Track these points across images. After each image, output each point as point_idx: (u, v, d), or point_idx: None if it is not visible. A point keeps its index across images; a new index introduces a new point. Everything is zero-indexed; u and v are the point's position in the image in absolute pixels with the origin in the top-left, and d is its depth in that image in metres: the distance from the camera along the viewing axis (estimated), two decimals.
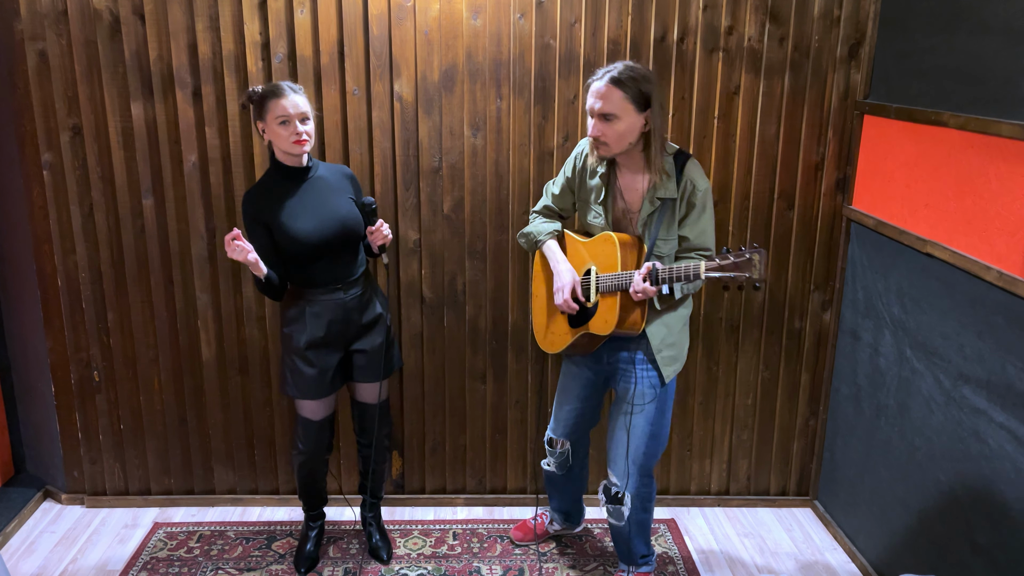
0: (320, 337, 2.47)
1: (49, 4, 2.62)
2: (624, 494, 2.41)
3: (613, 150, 2.18)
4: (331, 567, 2.74)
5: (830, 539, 2.97)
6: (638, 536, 2.54)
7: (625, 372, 2.37)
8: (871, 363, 2.71)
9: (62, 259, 2.83)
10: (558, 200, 2.48)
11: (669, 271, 2.10)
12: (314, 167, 2.46)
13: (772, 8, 2.69)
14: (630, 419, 2.36)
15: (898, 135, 2.53)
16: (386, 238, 2.42)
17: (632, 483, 2.40)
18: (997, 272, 2.05)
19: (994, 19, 2.08)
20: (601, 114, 2.13)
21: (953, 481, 2.27)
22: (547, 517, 2.91)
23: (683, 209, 2.25)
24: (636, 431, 2.36)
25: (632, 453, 2.38)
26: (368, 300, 2.54)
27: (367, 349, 2.55)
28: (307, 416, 2.56)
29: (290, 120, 2.29)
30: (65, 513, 3.06)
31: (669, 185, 2.22)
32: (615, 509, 2.44)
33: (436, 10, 2.66)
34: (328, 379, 2.51)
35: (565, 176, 2.43)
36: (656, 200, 2.23)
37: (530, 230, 2.50)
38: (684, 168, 2.23)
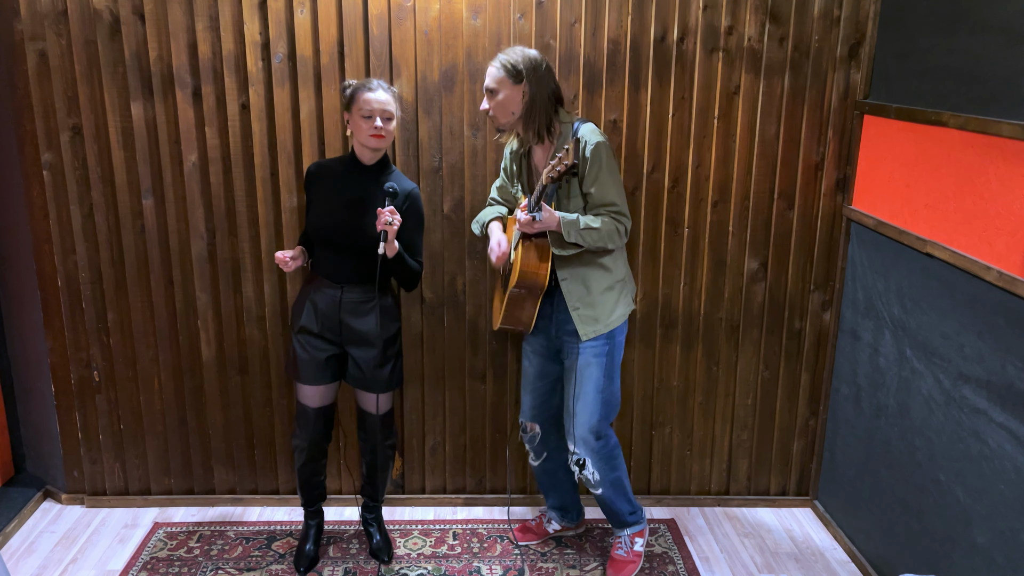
0: (312, 329, 2.52)
1: (49, 4, 2.62)
2: (584, 459, 2.54)
3: (500, 120, 2.39)
4: (331, 567, 2.74)
5: (830, 539, 2.97)
6: (617, 495, 2.64)
7: (570, 344, 2.50)
8: (871, 363, 2.71)
9: (62, 259, 2.83)
10: (500, 192, 2.67)
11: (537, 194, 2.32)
12: (387, 172, 2.49)
13: (772, 8, 2.69)
14: (578, 388, 2.50)
15: (898, 135, 2.53)
16: (387, 225, 2.30)
17: (588, 448, 2.53)
18: (997, 272, 2.05)
19: (994, 19, 2.08)
20: (486, 89, 2.38)
21: (953, 481, 2.27)
22: (545, 517, 2.91)
23: (582, 167, 2.36)
24: (587, 399, 2.49)
25: (584, 420, 2.50)
26: (368, 311, 2.51)
27: (360, 359, 2.55)
28: (303, 402, 2.59)
29: (374, 115, 2.36)
30: (65, 513, 3.06)
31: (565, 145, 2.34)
32: (585, 477, 2.56)
33: (436, 10, 2.66)
34: (318, 369, 2.54)
35: (502, 167, 2.64)
36: (553, 156, 2.36)
37: (479, 217, 2.67)
38: (577, 130, 2.38)
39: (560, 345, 2.55)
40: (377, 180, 2.46)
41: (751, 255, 2.91)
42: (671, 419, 3.08)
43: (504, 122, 2.40)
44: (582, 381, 2.49)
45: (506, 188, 2.64)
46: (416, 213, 2.51)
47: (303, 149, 2.75)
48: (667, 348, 3.00)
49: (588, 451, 2.53)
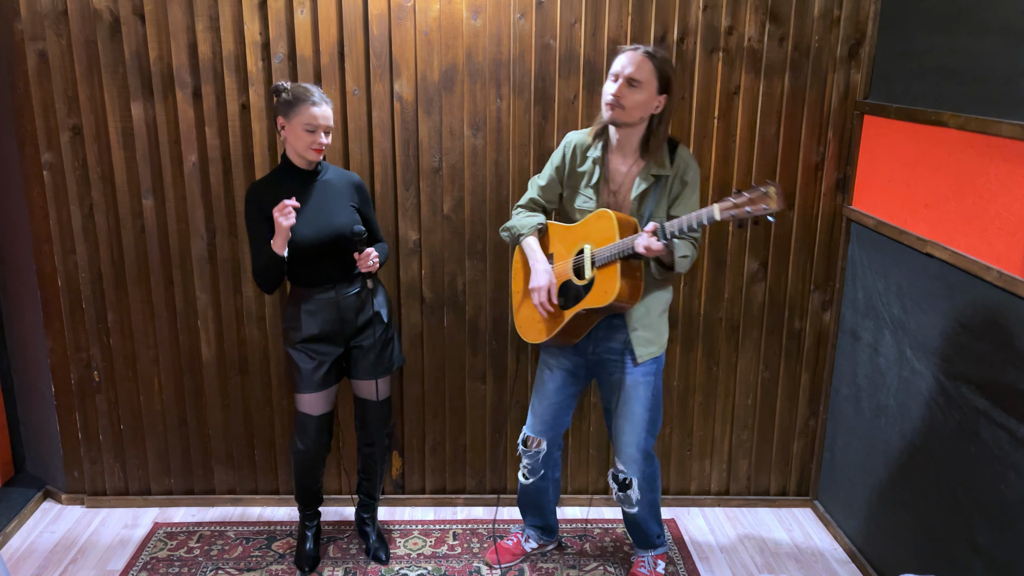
0: (314, 335, 2.51)
1: (49, 4, 2.62)
2: (631, 480, 2.46)
3: (626, 117, 2.21)
4: (331, 567, 2.74)
5: (830, 539, 2.97)
6: (651, 516, 2.63)
7: (617, 363, 2.41)
8: (871, 363, 2.71)
9: (62, 259, 2.83)
10: (545, 192, 2.48)
11: (679, 222, 2.10)
12: (323, 170, 2.49)
13: (772, 8, 2.69)
14: (627, 408, 2.41)
15: (898, 135, 2.53)
16: (370, 267, 2.43)
17: (637, 468, 2.47)
18: (997, 272, 2.05)
19: (994, 19, 2.08)
20: (629, 78, 2.17)
21: (953, 481, 2.27)
22: (523, 535, 2.85)
23: (676, 187, 2.30)
24: (635, 419, 2.42)
25: (634, 439, 2.44)
26: (365, 300, 2.54)
27: (363, 346, 2.56)
28: (305, 411, 2.57)
29: (317, 130, 2.34)
30: (65, 513, 3.06)
31: (662, 165, 2.29)
32: (625, 496, 2.49)
33: (436, 10, 2.66)
34: (323, 373, 2.53)
35: (553, 167, 2.44)
36: (651, 176, 2.28)
37: (512, 224, 2.49)
38: (677, 149, 2.31)
39: (597, 364, 2.46)
40: (320, 179, 2.47)
41: (751, 255, 2.91)
42: (671, 419, 3.08)
43: (627, 120, 2.23)
44: (630, 400, 2.41)
45: (553, 189, 2.46)
46: (368, 199, 2.57)
47: None
48: (667, 348, 2.99)
49: (636, 471, 2.46)
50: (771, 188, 1.98)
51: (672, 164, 2.28)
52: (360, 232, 2.40)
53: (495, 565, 2.77)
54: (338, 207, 2.45)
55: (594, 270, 2.28)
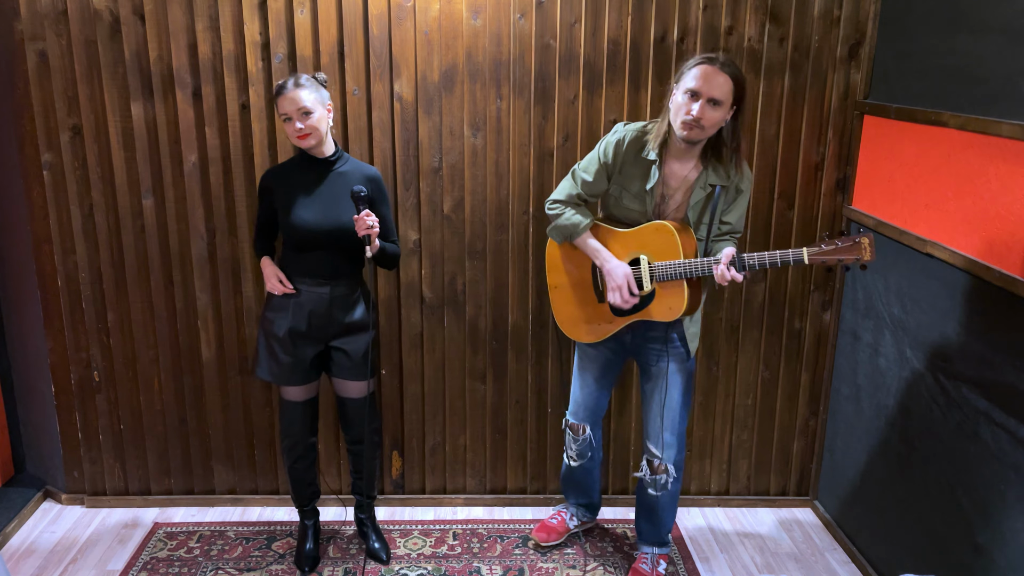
0: (301, 330, 2.50)
1: (49, 4, 2.62)
2: (665, 465, 2.53)
3: (706, 135, 2.22)
4: (331, 567, 2.74)
5: (830, 539, 2.97)
6: (670, 507, 2.64)
7: (656, 351, 2.47)
8: (871, 363, 2.71)
9: (62, 259, 2.83)
10: (590, 186, 2.41)
11: (760, 258, 2.15)
12: (340, 161, 2.49)
13: (772, 8, 2.69)
14: (665, 395, 2.47)
15: (898, 135, 2.53)
16: (369, 229, 2.35)
17: (672, 454, 2.52)
18: (997, 272, 2.05)
19: (994, 19, 2.08)
20: (710, 98, 2.14)
21: (953, 481, 2.27)
22: (566, 513, 2.90)
23: (732, 195, 2.34)
24: (672, 403, 2.48)
25: (671, 425, 2.50)
26: (355, 302, 2.54)
27: (348, 350, 2.54)
28: (289, 398, 2.59)
29: (291, 117, 2.34)
30: (65, 513, 3.06)
31: (720, 172, 2.29)
32: (654, 480, 2.55)
33: (436, 10, 2.66)
34: (304, 368, 2.54)
35: (600, 162, 2.38)
36: (708, 186, 2.30)
37: (564, 222, 2.43)
38: (734, 158, 2.31)
39: (639, 350, 2.52)
40: (335, 169, 2.47)
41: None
42: None
43: (705, 137, 2.22)
44: (670, 388, 2.47)
45: (600, 184, 2.40)
46: (384, 196, 2.55)
47: None
48: None
49: (671, 456, 2.52)
50: (864, 239, 2.04)
51: (730, 175, 2.30)
52: (359, 191, 2.36)
53: (544, 542, 2.84)
54: (346, 201, 2.43)
55: (654, 283, 2.32)
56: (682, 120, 2.18)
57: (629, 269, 2.35)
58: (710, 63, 2.14)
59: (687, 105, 2.16)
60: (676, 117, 2.20)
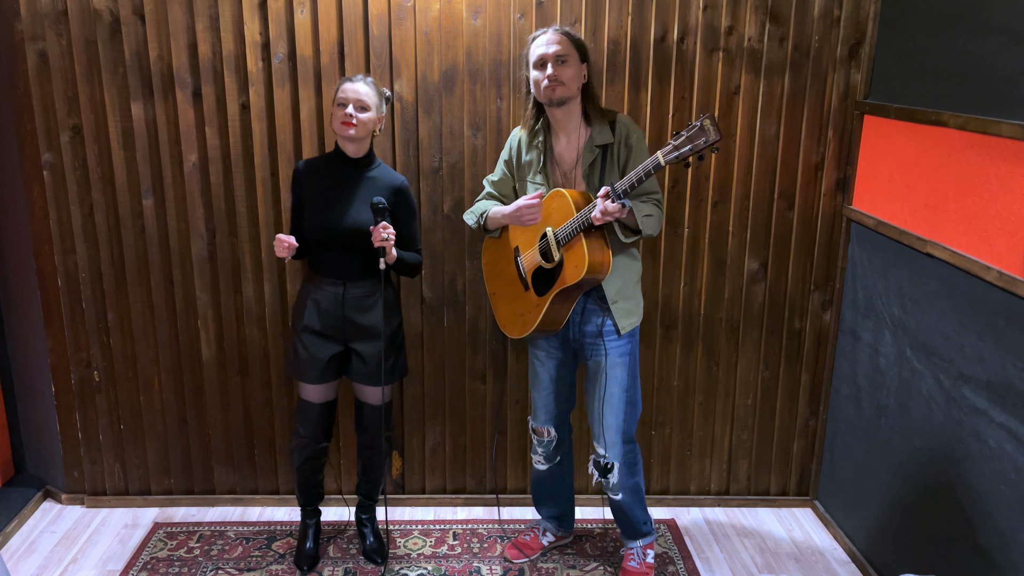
0: (315, 327, 2.51)
1: (49, 4, 2.62)
2: (612, 464, 2.49)
3: (568, 91, 2.28)
4: (331, 567, 2.74)
5: (830, 539, 2.97)
6: (635, 502, 2.61)
7: (593, 345, 2.44)
8: (871, 363, 2.71)
9: (62, 259, 2.83)
10: (498, 186, 2.54)
11: (627, 178, 2.15)
12: (372, 166, 2.50)
13: (772, 8, 2.69)
14: (604, 390, 2.44)
15: (898, 135, 2.53)
16: (384, 241, 2.35)
17: (617, 451, 2.48)
18: (997, 272, 2.05)
19: (994, 19, 2.08)
20: (556, 55, 2.25)
21: (953, 481, 2.27)
22: (539, 529, 2.86)
23: (623, 154, 2.34)
24: (613, 400, 2.44)
25: (614, 422, 2.46)
26: (372, 305, 2.52)
27: (365, 354, 2.54)
28: (306, 398, 2.59)
29: (346, 103, 2.37)
30: (65, 513, 3.06)
31: (604, 132, 2.33)
32: (607, 481, 2.52)
33: (436, 10, 2.66)
34: (321, 368, 2.53)
35: (503, 161, 2.51)
36: (595, 148, 2.33)
37: (473, 209, 2.55)
38: (616, 118, 2.36)
39: (579, 346, 2.49)
40: (364, 174, 2.48)
41: (751, 255, 2.91)
42: (671, 419, 3.08)
43: (568, 95, 2.29)
44: (608, 382, 2.44)
45: (506, 183, 2.53)
46: (408, 206, 2.54)
47: (303, 149, 2.75)
48: (667, 348, 3.00)
49: (616, 455, 2.49)
50: (705, 120, 2.05)
51: (614, 132, 2.33)
52: (379, 202, 2.37)
53: (515, 560, 2.78)
54: (364, 204, 2.43)
55: (560, 250, 2.31)
56: (543, 87, 2.27)
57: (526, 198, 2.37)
58: (543, 32, 2.30)
59: (540, 75, 2.28)
60: (539, 93, 2.31)
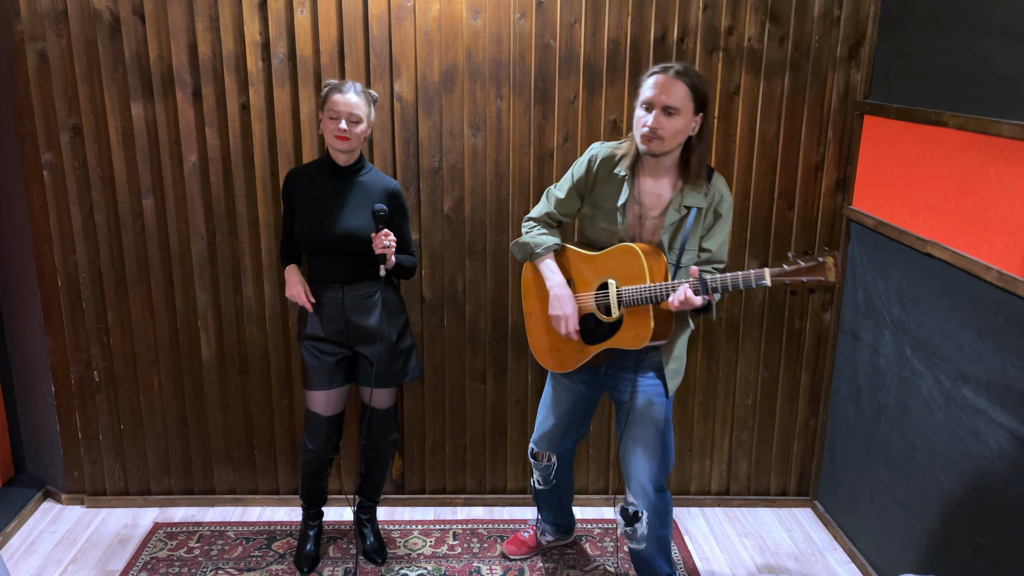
0: (319, 333, 2.51)
1: (49, 4, 2.62)
2: (641, 513, 2.32)
3: (666, 146, 2.10)
4: (331, 567, 2.74)
5: (830, 539, 2.97)
6: (659, 553, 2.40)
7: (631, 386, 2.29)
8: (871, 363, 2.71)
9: (62, 259, 2.83)
10: (562, 205, 2.34)
11: (723, 280, 2.01)
12: (362, 170, 2.50)
13: (772, 8, 2.69)
14: (637, 431, 2.29)
15: (898, 135, 2.53)
16: (385, 248, 2.37)
17: (649, 500, 2.31)
18: (997, 272, 2.05)
19: (994, 19, 2.08)
20: (664, 107, 2.05)
21: (953, 481, 2.27)
22: (539, 528, 2.85)
23: (709, 219, 2.20)
24: (649, 444, 2.28)
25: (646, 468, 2.29)
26: (372, 306, 2.52)
27: (370, 355, 2.54)
28: (315, 410, 2.58)
29: (339, 116, 2.36)
30: (65, 513, 3.06)
31: (697, 193, 2.17)
32: (632, 530, 2.34)
33: (436, 10, 2.66)
34: (329, 374, 2.53)
35: (573, 179, 2.31)
36: (683, 208, 2.17)
37: (527, 240, 2.35)
38: (712, 178, 2.19)
39: (613, 384, 2.36)
40: (355, 179, 2.48)
41: (751, 255, 2.91)
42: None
43: (668, 149, 2.10)
44: (643, 423, 2.27)
45: (572, 202, 2.32)
46: (402, 209, 2.55)
47: (303, 149, 2.75)
48: None
49: (647, 503, 2.30)
50: (828, 259, 1.93)
51: (707, 194, 2.17)
52: (380, 209, 2.37)
53: (512, 556, 2.79)
54: (361, 209, 2.44)
55: (621, 309, 2.19)
56: (640, 133, 2.10)
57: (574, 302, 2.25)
58: (663, 72, 2.06)
59: (643, 117, 2.09)
60: (636, 132, 2.12)
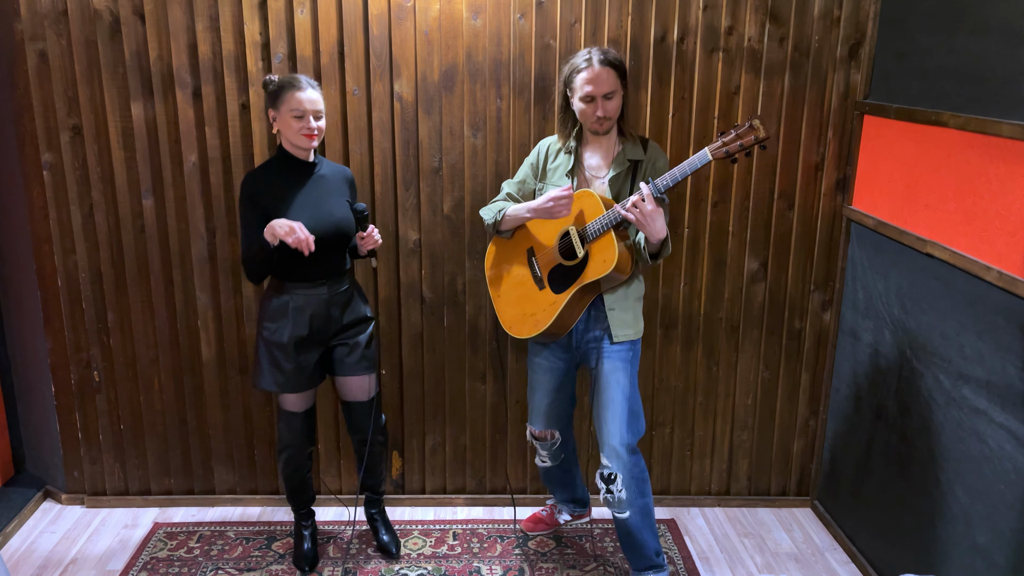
0: (303, 335, 2.46)
1: (49, 4, 2.62)
2: (615, 474, 2.38)
3: (613, 122, 2.33)
4: (331, 567, 2.74)
5: (830, 539, 2.97)
6: (645, 524, 2.45)
7: (596, 350, 2.43)
8: (871, 363, 2.71)
9: (62, 259, 2.83)
10: (519, 186, 2.54)
11: (671, 174, 2.17)
12: (319, 164, 2.48)
13: (772, 8, 2.69)
14: (605, 396, 2.40)
15: (898, 135, 2.53)
16: (376, 243, 2.46)
17: (622, 462, 2.38)
18: (997, 272, 2.05)
19: (994, 19, 2.08)
20: (604, 95, 2.26)
21: (953, 481, 2.27)
22: (556, 508, 2.91)
23: (650, 171, 2.37)
24: (615, 406, 2.39)
25: (616, 429, 2.38)
26: (351, 298, 2.55)
27: (350, 344, 2.55)
28: (290, 409, 2.57)
29: (305, 115, 2.33)
30: (65, 513, 3.06)
31: (636, 149, 2.37)
32: (612, 495, 2.39)
33: (436, 10, 2.66)
34: (308, 374, 2.52)
35: (529, 164, 2.52)
36: (626, 161, 2.36)
37: (489, 206, 2.53)
38: (648, 141, 2.41)
39: (583, 354, 2.48)
40: (317, 172, 2.46)
41: (751, 255, 2.91)
42: (671, 419, 3.08)
43: (613, 124, 2.35)
44: (609, 387, 2.39)
45: (528, 183, 2.52)
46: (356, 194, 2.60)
47: None
48: (667, 348, 3.00)
49: (620, 465, 2.37)
50: (755, 120, 2.10)
51: (646, 152, 2.38)
52: (362, 209, 2.41)
53: (529, 531, 2.88)
54: (334, 201, 2.45)
55: (587, 245, 2.31)
56: (591, 123, 2.32)
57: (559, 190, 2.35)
58: (589, 66, 2.26)
59: (589, 109, 2.29)
60: (586, 122, 2.34)
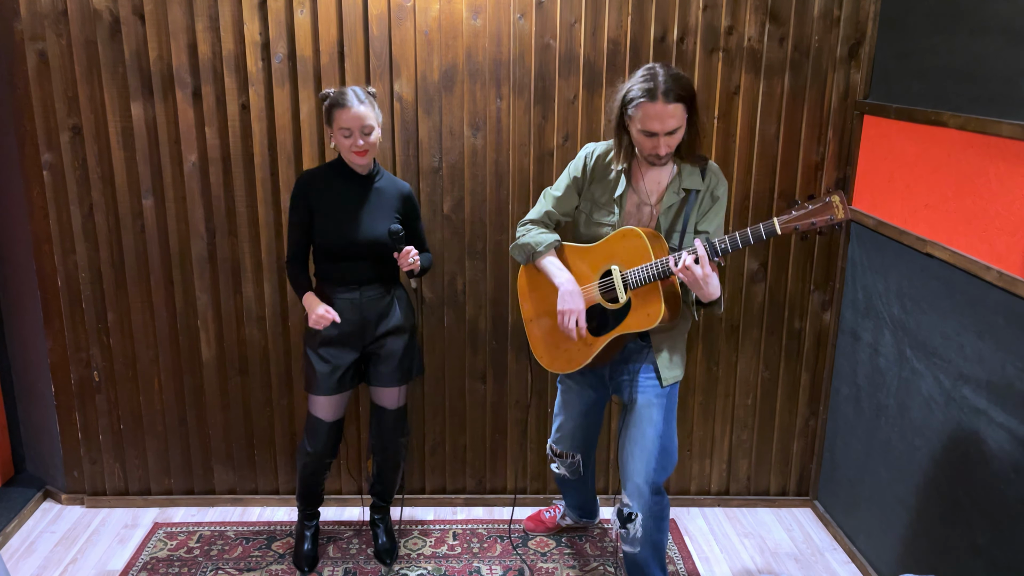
0: (334, 336, 2.49)
1: (49, 4, 2.62)
2: (635, 514, 2.27)
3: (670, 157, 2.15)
4: (331, 567, 2.74)
5: (830, 539, 2.97)
6: (653, 560, 2.35)
7: (631, 384, 2.30)
8: (871, 363, 2.71)
9: (62, 259, 2.83)
10: (560, 203, 2.35)
11: (731, 238, 2.00)
12: (377, 176, 2.49)
13: (772, 8, 2.69)
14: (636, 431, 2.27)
15: (898, 135, 2.53)
16: (412, 265, 2.39)
17: (644, 501, 2.26)
18: (997, 272, 2.05)
19: (994, 19, 2.08)
20: (668, 132, 2.06)
21: (953, 481, 2.27)
22: (559, 511, 2.91)
23: (706, 203, 2.22)
24: (646, 443, 2.25)
25: (643, 468, 2.25)
26: (387, 306, 2.52)
27: (383, 354, 2.54)
28: (318, 415, 2.56)
29: (353, 133, 2.32)
30: (65, 513, 3.06)
31: (694, 176, 2.20)
32: (627, 532, 2.29)
33: (436, 10, 2.66)
34: (338, 377, 2.52)
35: (571, 177, 2.33)
36: (681, 190, 2.20)
37: (527, 241, 2.34)
38: (708, 164, 2.24)
39: (616, 385, 2.36)
40: (373, 185, 2.47)
41: (751, 255, 2.91)
42: None
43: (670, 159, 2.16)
44: (641, 422, 2.25)
45: (569, 201, 2.33)
46: (416, 210, 2.56)
47: (303, 149, 2.75)
48: None
49: (642, 504, 2.25)
50: (835, 197, 1.93)
51: (704, 178, 2.21)
52: (397, 231, 2.39)
53: (530, 531, 2.89)
54: (381, 215, 2.44)
55: (629, 292, 2.18)
56: (648, 154, 2.12)
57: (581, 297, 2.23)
58: (653, 100, 2.02)
59: (648, 143, 2.09)
60: (642, 153, 2.15)
